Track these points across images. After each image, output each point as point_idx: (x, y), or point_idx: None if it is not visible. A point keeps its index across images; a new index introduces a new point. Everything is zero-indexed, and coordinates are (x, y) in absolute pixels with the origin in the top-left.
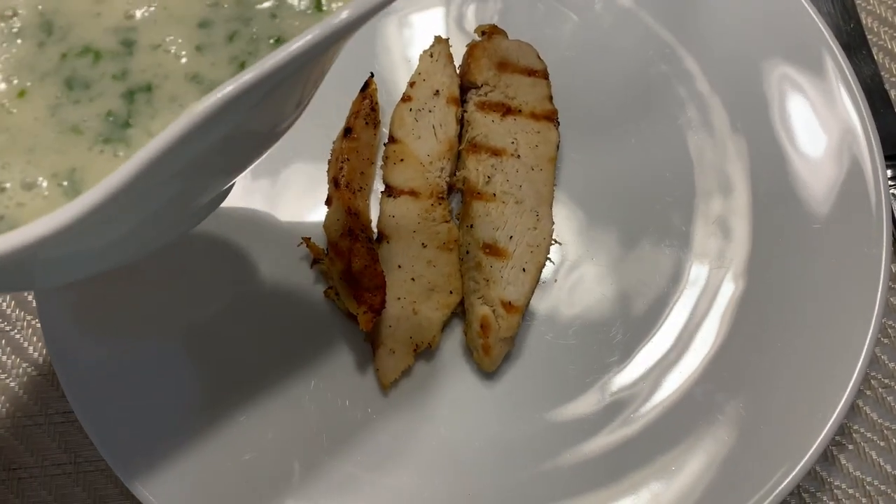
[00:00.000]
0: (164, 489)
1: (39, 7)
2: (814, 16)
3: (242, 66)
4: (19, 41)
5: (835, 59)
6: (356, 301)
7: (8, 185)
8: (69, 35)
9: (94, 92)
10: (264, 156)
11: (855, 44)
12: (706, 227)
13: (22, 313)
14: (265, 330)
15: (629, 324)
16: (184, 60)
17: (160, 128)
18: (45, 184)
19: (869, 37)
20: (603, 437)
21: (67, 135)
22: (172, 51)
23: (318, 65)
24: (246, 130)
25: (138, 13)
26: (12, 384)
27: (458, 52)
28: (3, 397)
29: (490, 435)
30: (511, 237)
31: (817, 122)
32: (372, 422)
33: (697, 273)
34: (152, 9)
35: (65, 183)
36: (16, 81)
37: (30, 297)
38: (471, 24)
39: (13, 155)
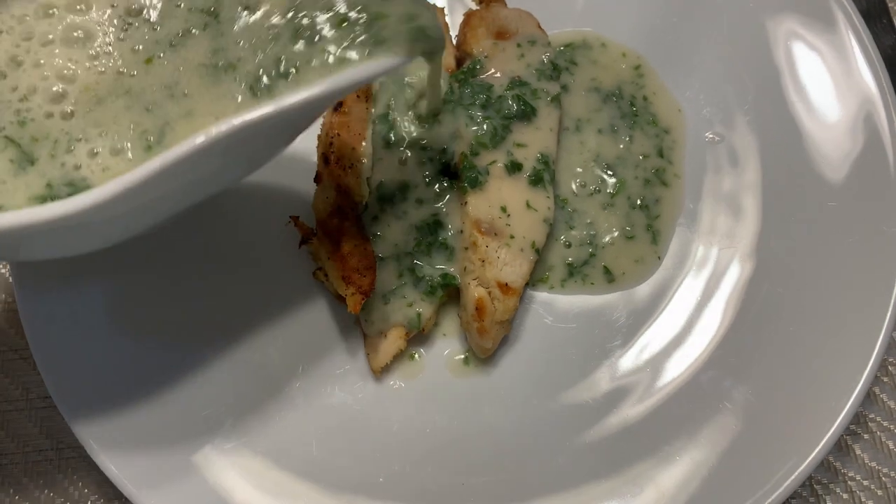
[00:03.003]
0: (134, 469)
1: None
2: None
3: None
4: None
5: (853, 26)
6: (345, 283)
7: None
8: None
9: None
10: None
11: (875, 11)
12: (715, 205)
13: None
14: (250, 312)
15: (632, 307)
16: None
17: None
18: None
19: (890, 5)
20: (604, 424)
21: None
22: None
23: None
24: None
25: None
26: None
27: (456, 21)
28: None
29: (485, 422)
30: (508, 215)
31: (833, 92)
32: (362, 408)
33: (705, 253)
34: None
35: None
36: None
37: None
38: None
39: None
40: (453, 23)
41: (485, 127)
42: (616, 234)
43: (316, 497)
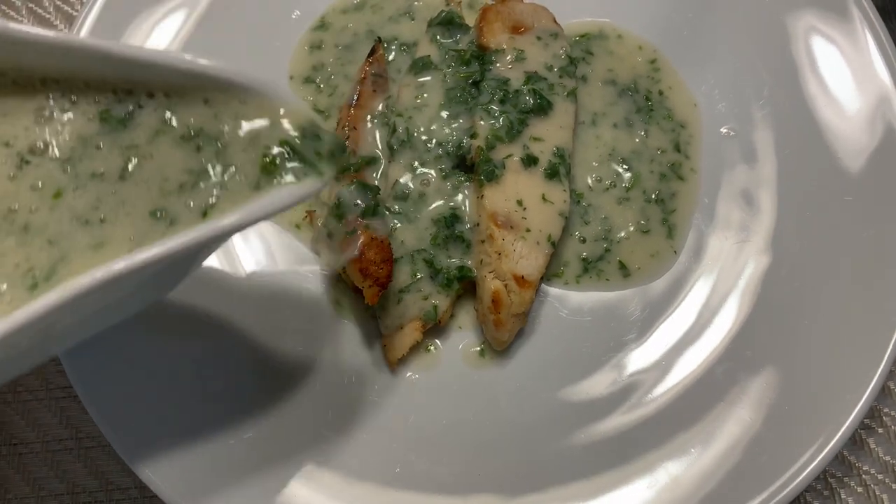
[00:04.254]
0: (164, 467)
1: None
2: None
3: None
4: None
5: (869, 21)
6: (362, 275)
7: None
8: None
9: None
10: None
11: (891, 7)
12: (731, 199)
13: None
14: (268, 304)
15: (647, 300)
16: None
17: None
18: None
19: None
20: (619, 416)
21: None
22: None
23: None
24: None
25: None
26: None
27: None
28: None
29: (501, 414)
30: (524, 208)
31: (850, 87)
32: (379, 399)
33: (720, 247)
34: None
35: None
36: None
37: None
38: None
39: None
40: (469, 18)
41: (501, 121)
42: (631, 228)
43: (332, 485)
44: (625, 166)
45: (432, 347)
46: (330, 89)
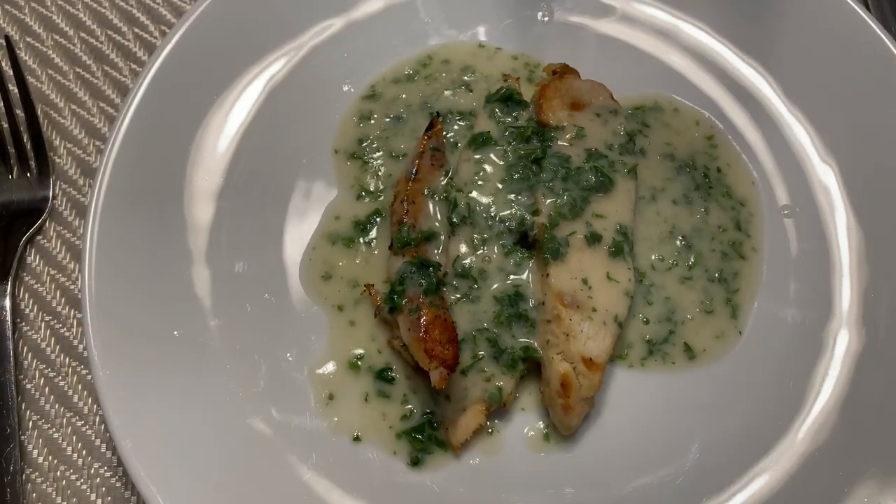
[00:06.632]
0: None
1: None
2: None
3: None
4: None
5: None
6: (427, 356)
7: None
8: None
9: None
10: None
11: None
12: (796, 279)
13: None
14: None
15: (713, 384)
16: None
17: None
18: None
19: None
20: None
21: None
22: None
23: None
24: None
25: None
26: None
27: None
28: None
29: (566, 502)
30: (590, 287)
31: None
32: (441, 489)
33: (787, 326)
34: None
35: None
36: None
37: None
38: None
39: None
40: (527, 93)
41: (564, 198)
42: (697, 309)
43: None
44: (686, 244)
45: (494, 430)
46: (376, 167)
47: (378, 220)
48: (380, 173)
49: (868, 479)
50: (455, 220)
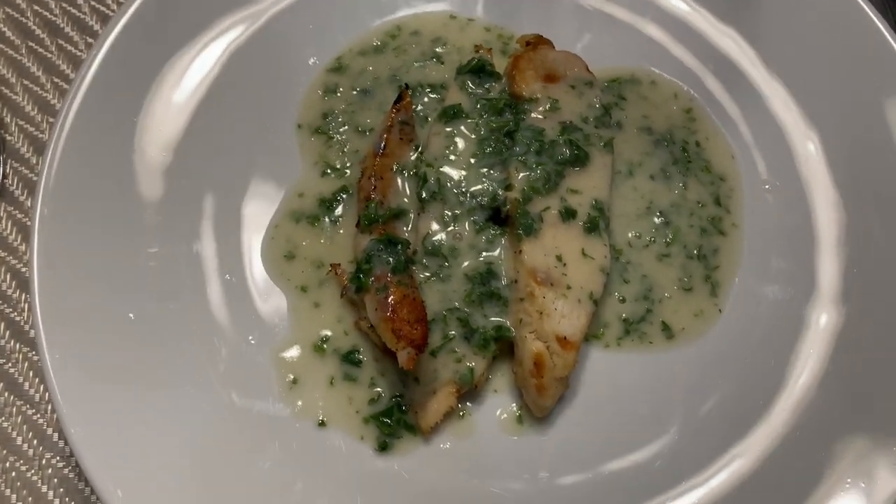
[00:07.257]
0: None
1: None
2: None
3: None
4: None
5: None
6: (395, 336)
7: None
8: None
9: None
10: None
11: None
12: (778, 254)
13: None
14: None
15: (695, 360)
16: None
17: None
18: None
19: None
20: (674, 495)
21: None
22: None
23: None
24: None
25: None
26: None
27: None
28: None
29: (541, 485)
30: (564, 264)
31: None
32: (410, 474)
33: (768, 303)
34: None
35: None
36: None
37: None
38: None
39: None
40: (500, 66)
41: (538, 172)
42: (674, 287)
43: None
44: (663, 220)
45: (465, 413)
46: (341, 143)
47: (344, 197)
48: (346, 149)
49: (847, 457)
50: (425, 195)
